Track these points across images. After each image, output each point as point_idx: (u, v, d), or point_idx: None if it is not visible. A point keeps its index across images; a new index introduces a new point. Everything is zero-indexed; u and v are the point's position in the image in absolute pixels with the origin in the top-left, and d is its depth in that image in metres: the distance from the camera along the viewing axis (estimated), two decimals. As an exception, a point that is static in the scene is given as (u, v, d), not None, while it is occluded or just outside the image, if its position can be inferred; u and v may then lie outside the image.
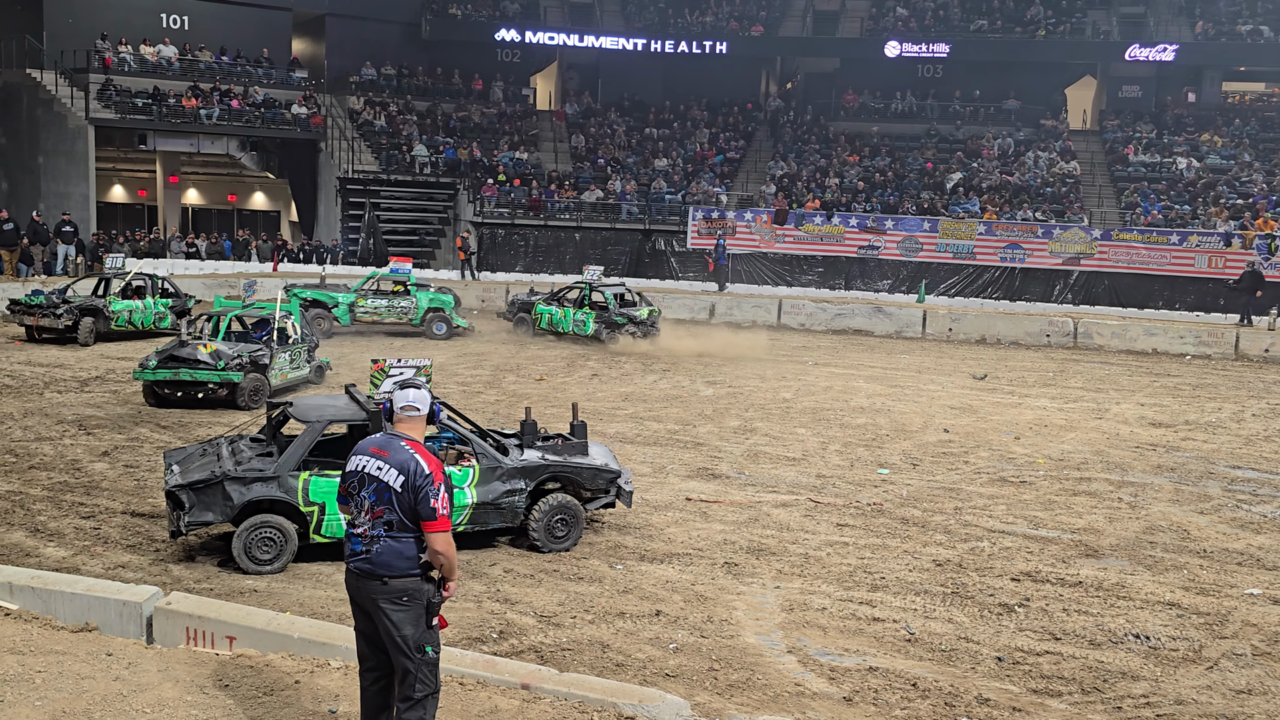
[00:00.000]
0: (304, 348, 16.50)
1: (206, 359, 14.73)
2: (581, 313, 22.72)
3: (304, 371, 16.45)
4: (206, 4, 34.24)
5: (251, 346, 15.50)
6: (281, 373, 15.72)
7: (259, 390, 15.02)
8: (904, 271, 30.43)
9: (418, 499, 4.60)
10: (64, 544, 9.17)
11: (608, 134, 36.79)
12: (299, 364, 16.29)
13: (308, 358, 16.60)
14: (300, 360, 16.33)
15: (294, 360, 16.13)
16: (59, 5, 31.65)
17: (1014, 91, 35.63)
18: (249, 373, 14.97)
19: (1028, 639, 7.79)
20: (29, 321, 19.67)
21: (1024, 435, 14.94)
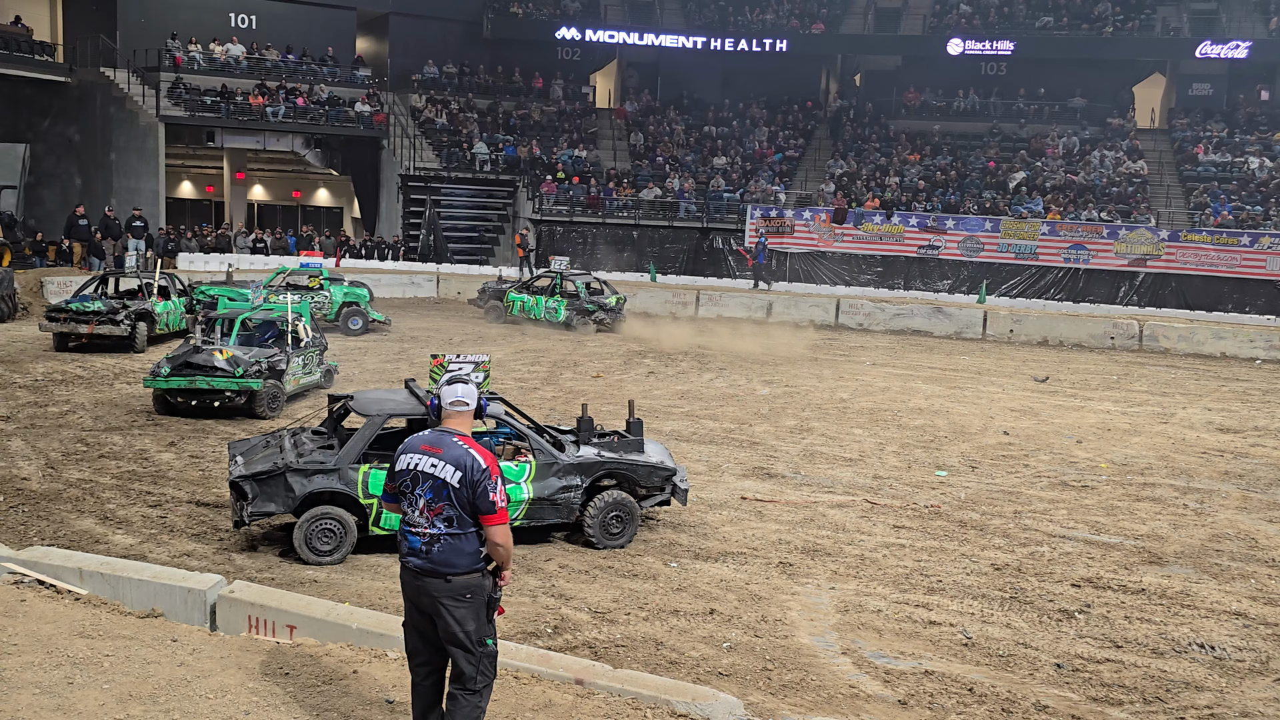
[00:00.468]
0: (316, 351, 15.75)
1: (224, 366, 13.73)
2: (553, 300, 23.99)
3: (315, 376, 15.63)
4: (274, 3, 34.86)
5: (267, 351, 14.66)
6: (295, 378, 14.92)
7: (276, 398, 14.25)
8: (964, 272, 30.04)
9: (476, 493, 4.60)
10: (132, 532, 9.40)
11: (666, 132, 36.79)
12: (311, 368, 15.47)
13: (319, 361, 15.85)
14: (313, 364, 15.54)
15: (306, 365, 15.30)
16: (132, 5, 32.43)
17: (1080, 89, 34.98)
18: (267, 379, 14.09)
19: (1088, 646, 7.66)
20: (82, 329, 18.12)
21: (1086, 439, 14.68)
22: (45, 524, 9.49)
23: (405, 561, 4.72)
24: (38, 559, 7.01)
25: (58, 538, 9.07)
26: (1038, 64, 35.34)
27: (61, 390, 15.26)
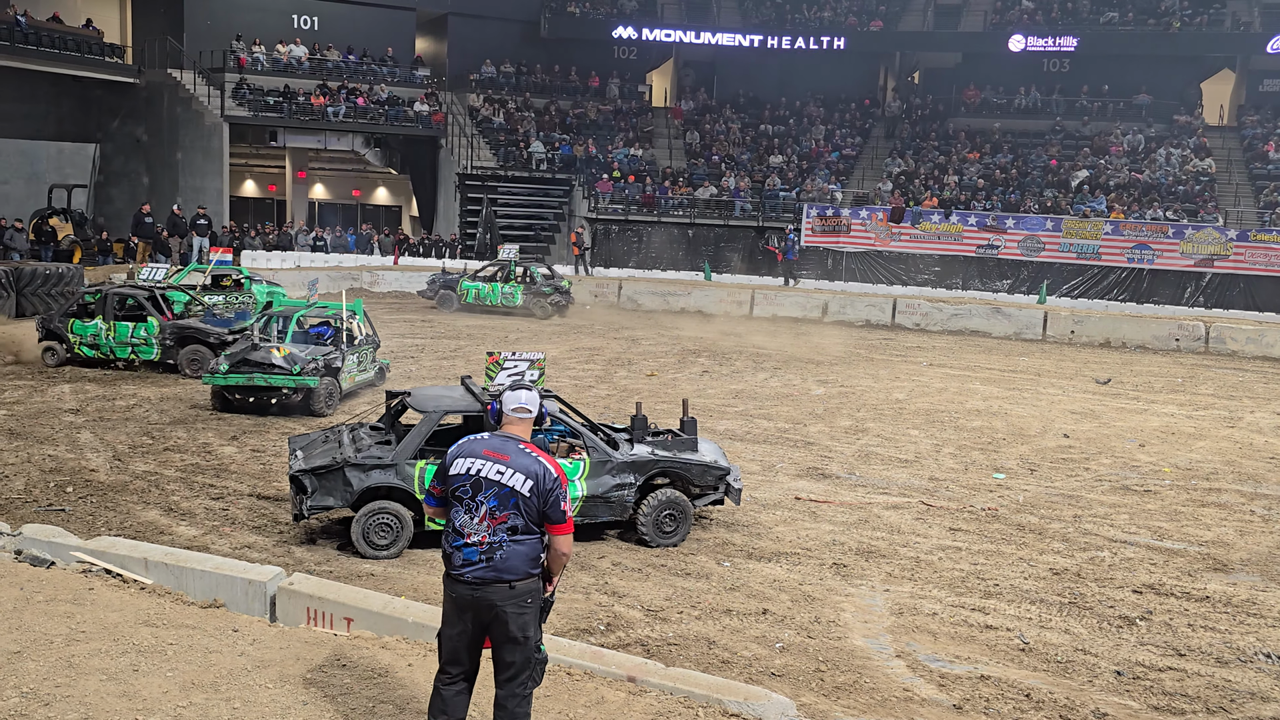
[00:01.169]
0: (370, 349, 15.83)
1: (281, 363, 13.91)
2: (509, 287, 25.07)
3: (370, 374, 15.75)
4: (335, 4, 35.38)
5: (323, 349, 14.81)
6: (350, 375, 15.03)
7: (332, 394, 14.42)
8: (1024, 271, 29.60)
9: (548, 503, 4.54)
10: (195, 523, 9.60)
11: (722, 130, 36.70)
12: (365, 366, 15.60)
13: (372, 359, 15.94)
14: (367, 362, 15.65)
15: (361, 363, 15.43)
16: (198, 7, 33.10)
17: (1145, 86, 34.26)
18: (323, 376, 14.24)
19: (1149, 654, 7.52)
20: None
21: (1149, 443, 14.39)
22: (112, 515, 9.73)
23: (459, 573, 4.56)
24: (105, 549, 7.20)
25: (124, 528, 9.29)
26: (1102, 60, 34.69)
27: (128, 385, 15.63)
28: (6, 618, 5.86)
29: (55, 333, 16.53)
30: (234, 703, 5.10)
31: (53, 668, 5.28)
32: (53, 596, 6.27)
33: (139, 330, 16.45)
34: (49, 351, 16.55)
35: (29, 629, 5.73)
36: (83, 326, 16.46)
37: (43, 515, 9.53)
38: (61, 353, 16.53)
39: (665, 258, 32.23)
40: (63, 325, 16.48)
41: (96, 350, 16.51)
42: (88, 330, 16.45)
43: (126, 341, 16.48)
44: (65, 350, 16.51)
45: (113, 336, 16.47)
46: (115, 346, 16.51)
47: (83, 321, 16.50)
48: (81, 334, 16.45)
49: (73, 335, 16.43)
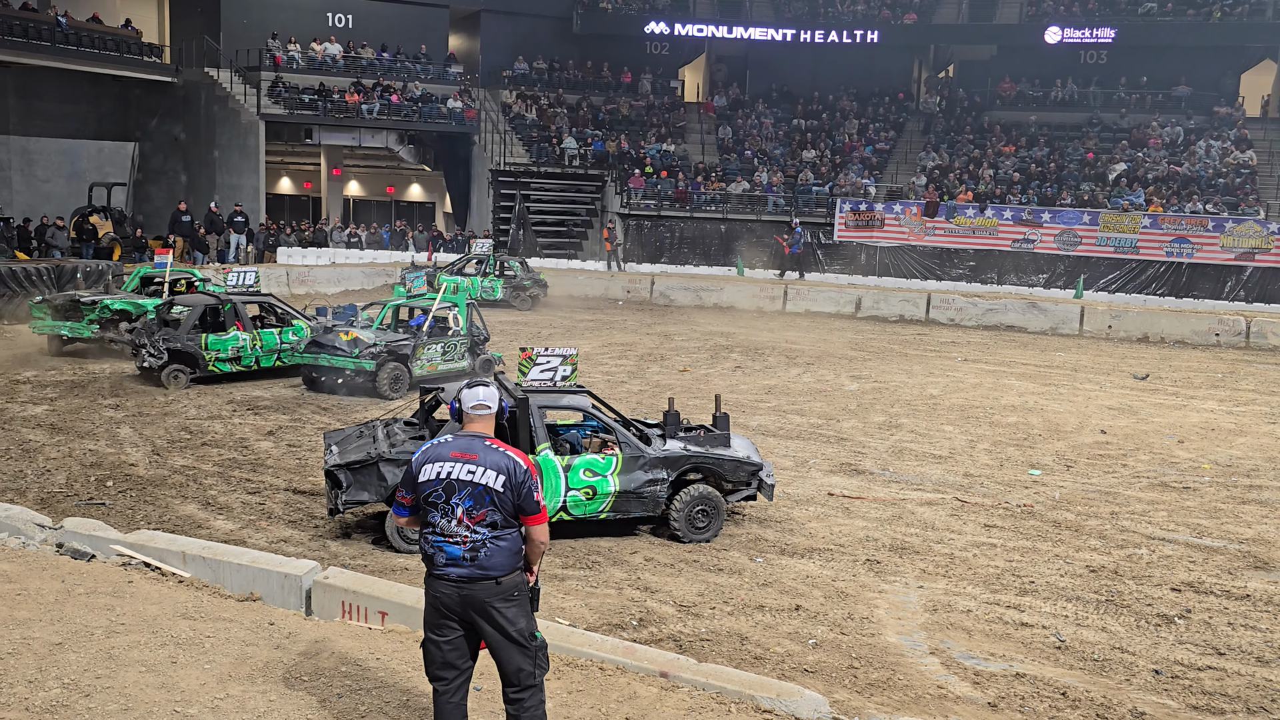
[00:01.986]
0: (464, 340, 16.26)
1: (344, 346, 15.00)
2: (489, 280, 25.38)
3: (461, 364, 16.16)
4: (369, 2, 35.60)
5: (396, 337, 15.61)
6: (431, 363, 15.66)
7: (399, 379, 15.09)
8: (1061, 266, 29.28)
9: (521, 495, 4.54)
10: (232, 517, 9.71)
11: (755, 126, 36.58)
12: (454, 356, 16.07)
13: (469, 350, 16.33)
14: (456, 353, 16.11)
15: (447, 352, 15.95)
16: (235, 7, 33.43)
17: (1185, 77, 33.75)
18: (386, 362, 14.95)
19: (1188, 652, 7.42)
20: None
21: (1188, 439, 14.20)
22: (151, 508, 9.87)
23: (443, 573, 4.54)
24: (144, 542, 7.30)
25: (163, 522, 9.41)
26: (1140, 51, 34.20)
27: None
28: (48, 610, 5.95)
29: (181, 352, 15.29)
30: (270, 695, 5.15)
31: (93, 659, 5.36)
32: (93, 589, 6.36)
33: (286, 335, 16.26)
34: (174, 376, 15.18)
35: (70, 621, 5.82)
36: (219, 341, 15.58)
37: (83, 509, 9.67)
38: (187, 375, 15.31)
39: (698, 253, 32.19)
40: (193, 343, 15.35)
41: (236, 364, 15.81)
42: (227, 344, 15.66)
43: (275, 349, 16.20)
44: (197, 370, 15.46)
45: (260, 345, 16.05)
46: (261, 356, 16.08)
47: (218, 335, 15.63)
48: (219, 348, 15.59)
49: (208, 352, 15.47)
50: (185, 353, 15.33)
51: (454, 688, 4.65)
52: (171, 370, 15.22)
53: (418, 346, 15.55)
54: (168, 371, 15.20)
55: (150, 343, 15.19)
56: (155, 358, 15.13)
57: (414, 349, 15.47)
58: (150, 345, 15.18)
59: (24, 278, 20.46)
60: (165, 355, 15.17)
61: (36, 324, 17.46)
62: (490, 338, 17.42)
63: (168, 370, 15.20)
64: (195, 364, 15.45)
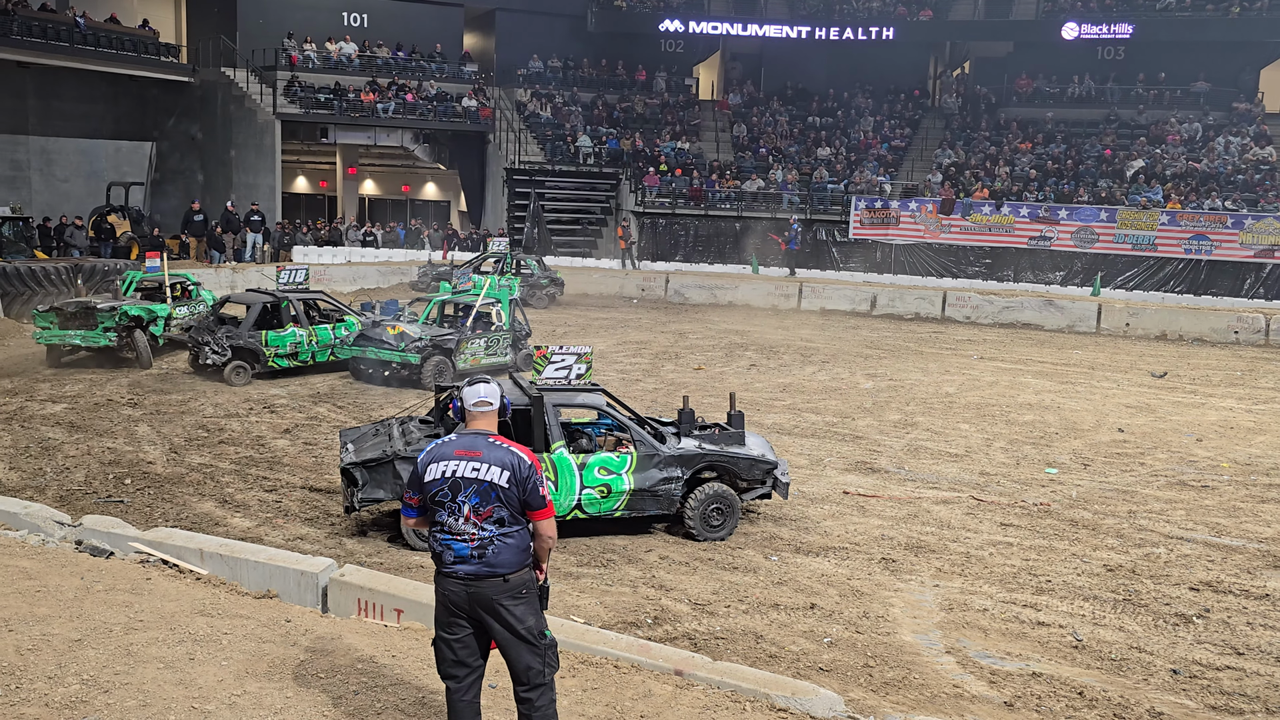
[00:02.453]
0: (507, 336, 16.85)
1: (390, 340, 15.78)
2: (506, 279, 24.26)
3: (504, 358, 16.73)
4: (385, 2, 35.68)
5: (441, 331, 16.31)
6: (474, 357, 16.32)
7: (443, 372, 15.64)
8: (1078, 263, 29.11)
9: (527, 491, 4.54)
10: (249, 515, 9.76)
11: (770, 123, 36.51)
12: (497, 351, 16.70)
13: (511, 345, 16.90)
14: (499, 347, 16.74)
15: (490, 346, 16.62)
16: (251, 7, 33.55)
17: (1203, 73, 33.50)
18: (430, 356, 15.66)
19: (1207, 652, 7.38)
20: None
21: (1207, 437, 14.11)
22: (169, 506, 9.93)
23: (451, 571, 4.54)
24: (162, 539, 7.35)
25: (180, 519, 9.47)
26: (1158, 47, 33.96)
27: (185, 379, 15.91)
28: (67, 607, 6.00)
29: (244, 349, 15.74)
30: (286, 692, 5.18)
31: (112, 655, 5.39)
32: (112, 586, 6.41)
33: (339, 330, 16.70)
34: (237, 371, 15.64)
35: (89, 618, 5.86)
36: (278, 337, 16.02)
37: (102, 506, 9.74)
38: (249, 371, 15.80)
39: (712, 250, 32.14)
40: (254, 339, 15.81)
41: (294, 359, 16.24)
42: (285, 340, 16.10)
43: (329, 344, 16.64)
44: (258, 365, 15.91)
45: (315, 341, 16.48)
46: (317, 351, 16.53)
47: (276, 332, 16.06)
48: (279, 344, 16.03)
49: (268, 348, 15.92)
50: (247, 349, 15.80)
51: (466, 685, 4.66)
52: (234, 366, 15.66)
53: (461, 341, 16.15)
54: (231, 367, 15.64)
55: (214, 340, 15.64)
56: (219, 355, 15.62)
57: (457, 343, 16.08)
58: (214, 343, 15.63)
59: (43, 277, 20.61)
60: (229, 352, 15.65)
61: (42, 334, 16.35)
62: (531, 333, 17.96)
63: (231, 366, 15.64)
64: (256, 359, 15.90)
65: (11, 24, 27.01)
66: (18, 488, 10.24)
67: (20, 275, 20.28)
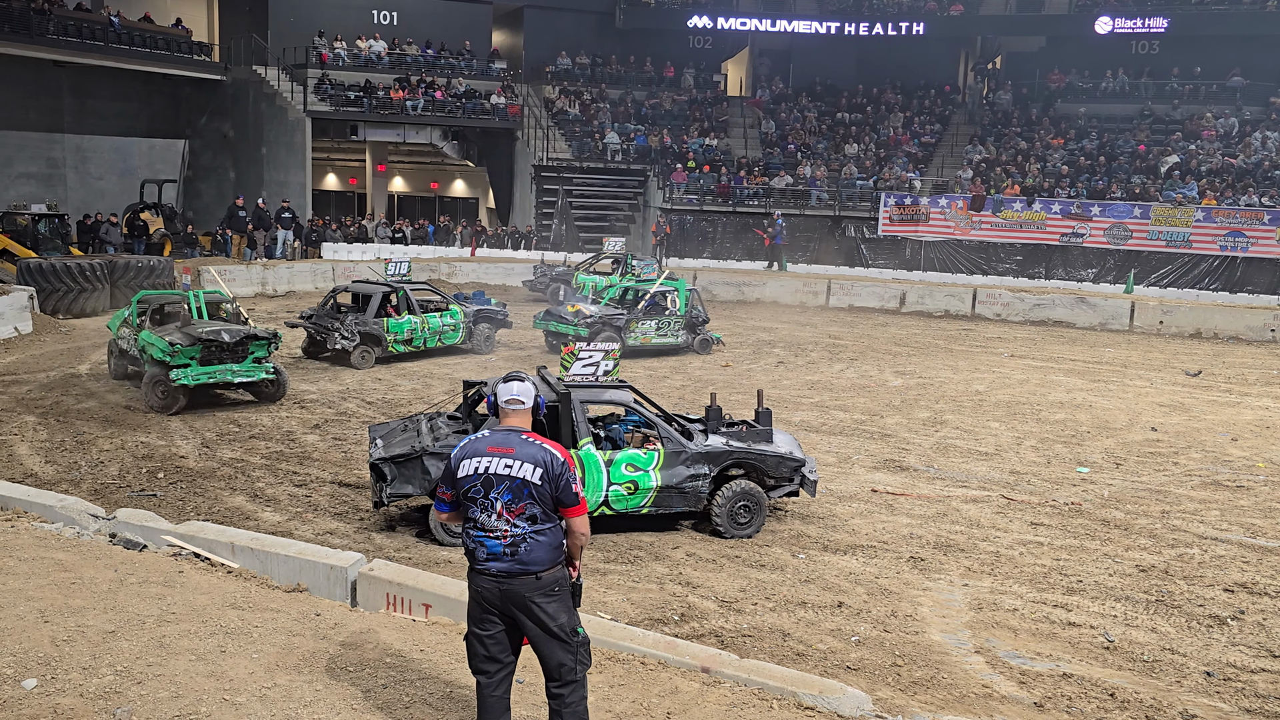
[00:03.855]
0: (679, 319, 18.94)
1: (568, 316, 18.36)
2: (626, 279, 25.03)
3: (674, 340, 18.91)
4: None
5: (613, 311, 18.71)
6: (645, 336, 18.66)
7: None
8: (1110, 260, 28.81)
9: (559, 488, 4.53)
10: (279, 509, 9.84)
11: (798, 119, 36.37)
12: (667, 332, 18.89)
13: (685, 328, 19.00)
14: (670, 329, 18.90)
15: (661, 328, 18.84)
16: (282, 5, 33.81)
17: (1240, 67, 33.05)
18: (599, 331, 17.91)
19: (1241, 654, 7.28)
20: None
21: (1242, 436, 13.93)
22: (201, 500, 10.02)
23: (484, 568, 4.55)
24: (194, 533, 7.42)
25: (212, 513, 9.56)
26: (1194, 42, 33.53)
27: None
28: (102, 599, 6.07)
29: (370, 334, 16.94)
30: (316, 685, 5.21)
31: (145, 647, 5.45)
32: (145, 579, 6.47)
33: (445, 318, 17.95)
34: (364, 355, 16.87)
35: (123, 610, 5.92)
36: (397, 324, 17.24)
37: (135, 500, 9.85)
38: (373, 355, 17.04)
39: (740, 248, 32.07)
40: (378, 326, 16.97)
41: (409, 345, 17.44)
42: (403, 327, 17.32)
43: (438, 331, 17.86)
44: (381, 350, 17.11)
45: (427, 328, 17.66)
46: (428, 338, 17.70)
47: (395, 320, 17.25)
48: (397, 331, 17.24)
49: (389, 334, 17.11)
50: (372, 335, 17.01)
51: (497, 681, 4.67)
52: (360, 350, 16.87)
53: (630, 320, 18.54)
54: (358, 351, 16.85)
55: (344, 326, 16.86)
56: (349, 340, 16.81)
57: (626, 322, 18.46)
58: (344, 329, 16.84)
59: (78, 273, 20.86)
60: (358, 337, 16.86)
61: (184, 373, 13.38)
62: (709, 319, 19.82)
63: (358, 350, 16.85)
64: (379, 344, 17.09)
65: (47, 24, 27.36)
66: (53, 481, 10.38)
67: (56, 272, 20.52)
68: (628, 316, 18.55)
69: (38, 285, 20.08)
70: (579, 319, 18.11)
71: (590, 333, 17.78)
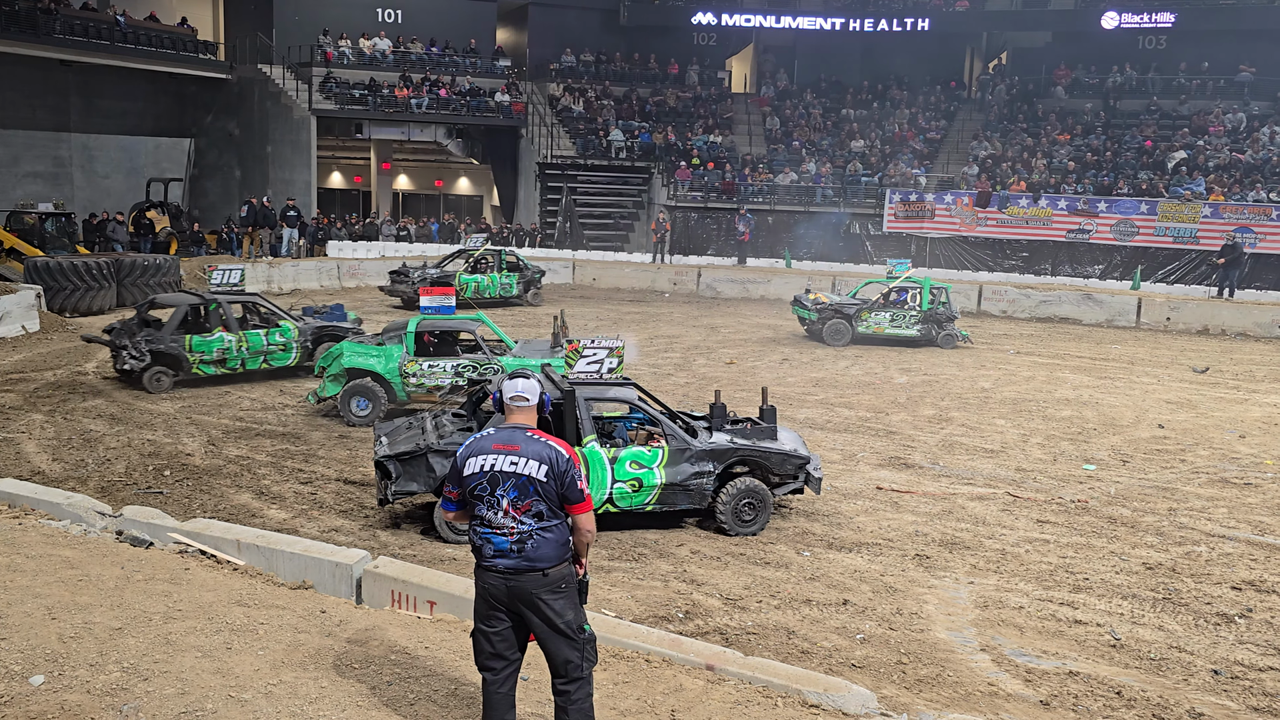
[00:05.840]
0: (916, 313, 20.16)
1: (808, 303, 20.51)
2: (505, 276, 24.61)
3: (909, 332, 20.20)
4: (419, -3, 35.92)
5: (847, 300, 20.72)
6: (877, 326, 20.22)
7: (839, 332, 20.08)
8: (1117, 257, 28.75)
9: (565, 485, 4.55)
10: (284, 507, 9.85)
11: (803, 116, 36.32)
12: (901, 325, 20.21)
13: (922, 323, 20.13)
14: (905, 322, 20.20)
15: (895, 320, 20.22)
16: (287, 4, 33.85)
17: (1248, 62, 32.94)
18: (830, 319, 20.02)
19: (1249, 652, 7.26)
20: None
21: (1250, 434, 13.89)
22: (207, 497, 10.04)
23: (491, 564, 4.58)
24: (200, 530, 7.43)
25: (218, 511, 9.58)
26: (1201, 36, 33.43)
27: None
28: (108, 595, 6.08)
29: (164, 354, 14.73)
30: (321, 682, 5.22)
31: (151, 644, 5.46)
32: (151, 576, 6.49)
33: (273, 336, 15.41)
34: (156, 379, 14.64)
35: (129, 606, 5.93)
36: (204, 342, 14.90)
37: (142, 497, 9.87)
38: (170, 378, 14.76)
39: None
40: (177, 344, 14.82)
41: (221, 366, 15.14)
42: (212, 345, 14.93)
43: (261, 351, 15.46)
44: (181, 372, 15.03)
45: (246, 347, 15.19)
46: (248, 358, 15.34)
47: (202, 337, 14.96)
48: (204, 350, 14.87)
49: (192, 354, 14.82)
50: (168, 354, 14.73)
51: (502, 678, 4.68)
52: (154, 373, 14.62)
53: (862, 310, 20.15)
54: (150, 374, 14.59)
55: (132, 344, 14.53)
56: (137, 360, 14.50)
57: (857, 311, 20.11)
58: (132, 347, 14.51)
59: (85, 272, 20.90)
60: (148, 357, 14.56)
61: (405, 386, 13.37)
62: (958, 316, 20.79)
63: (150, 373, 14.59)
64: (179, 366, 14.87)
65: (54, 23, 27.42)
66: (60, 478, 10.40)
67: (63, 270, 20.56)
68: (859, 306, 20.17)
69: (45, 284, 20.11)
70: (815, 305, 20.29)
71: (820, 318, 20.01)
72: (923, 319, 20.22)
